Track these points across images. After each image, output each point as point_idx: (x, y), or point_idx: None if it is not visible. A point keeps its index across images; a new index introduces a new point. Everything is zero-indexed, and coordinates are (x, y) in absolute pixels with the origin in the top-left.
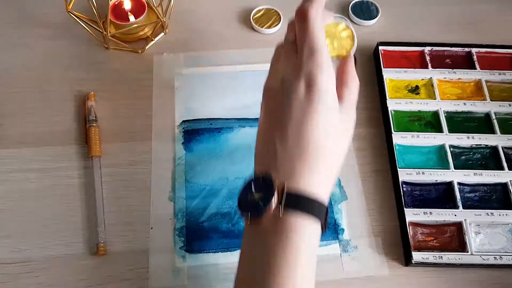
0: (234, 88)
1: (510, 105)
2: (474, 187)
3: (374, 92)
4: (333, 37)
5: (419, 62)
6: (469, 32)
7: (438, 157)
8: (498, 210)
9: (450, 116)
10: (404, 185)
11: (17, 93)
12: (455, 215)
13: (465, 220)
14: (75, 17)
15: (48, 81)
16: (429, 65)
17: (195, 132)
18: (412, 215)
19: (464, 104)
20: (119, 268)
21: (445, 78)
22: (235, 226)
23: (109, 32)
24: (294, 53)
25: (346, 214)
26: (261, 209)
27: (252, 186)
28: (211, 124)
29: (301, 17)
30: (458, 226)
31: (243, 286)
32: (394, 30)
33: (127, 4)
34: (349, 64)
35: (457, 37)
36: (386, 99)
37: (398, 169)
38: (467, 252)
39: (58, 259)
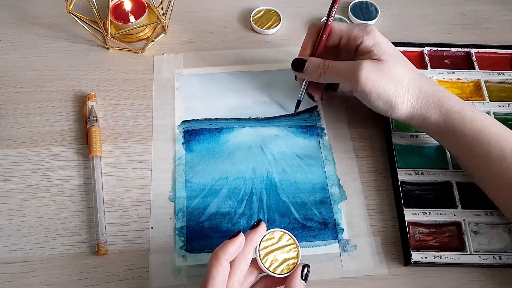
0: (234, 88)
1: (509, 105)
2: (473, 186)
3: None
4: (274, 251)
5: (418, 62)
6: (468, 33)
7: (437, 157)
8: (497, 210)
9: None
10: (403, 185)
11: (17, 93)
12: (454, 215)
13: (464, 220)
14: (75, 18)
15: (48, 81)
16: (428, 65)
17: (195, 132)
18: (411, 214)
19: None
20: (119, 268)
21: (444, 78)
22: (235, 226)
23: (110, 33)
24: None
25: (346, 213)
26: None
27: None
28: (211, 124)
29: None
30: (457, 226)
31: None
32: (393, 30)
33: (128, 5)
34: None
35: (456, 37)
36: None
37: (398, 169)
38: (466, 251)
39: (58, 259)
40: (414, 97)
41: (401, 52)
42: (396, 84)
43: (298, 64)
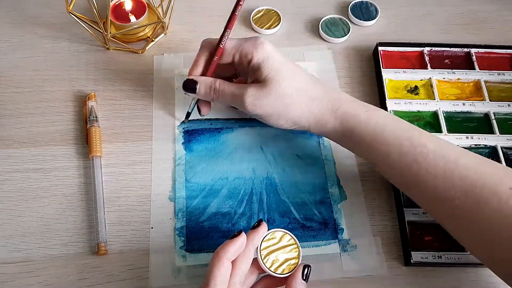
0: None
1: (509, 105)
2: None
3: (374, 92)
4: (275, 251)
5: (419, 62)
6: (468, 33)
7: None
8: None
9: (449, 116)
10: None
11: (17, 93)
12: None
13: None
14: (75, 18)
15: (48, 81)
16: (428, 65)
17: (195, 132)
18: (411, 214)
19: (463, 104)
20: (119, 268)
21: (444, 78)
22: (235, 226)
23: (110, 33)
24: None
25: (346, 213)
26: None
27: None
28: (211, 124)
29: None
30: None
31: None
32: (393, 30)
33: (128, 5)
34: (297, 276)
35: (456, 37)
36: (385, 99)
37: None
38: (466, 251)
39: (58, 259)
40: (306, 108)
41: (401, 52)
42: (283, 100)
43: (189, 86)
